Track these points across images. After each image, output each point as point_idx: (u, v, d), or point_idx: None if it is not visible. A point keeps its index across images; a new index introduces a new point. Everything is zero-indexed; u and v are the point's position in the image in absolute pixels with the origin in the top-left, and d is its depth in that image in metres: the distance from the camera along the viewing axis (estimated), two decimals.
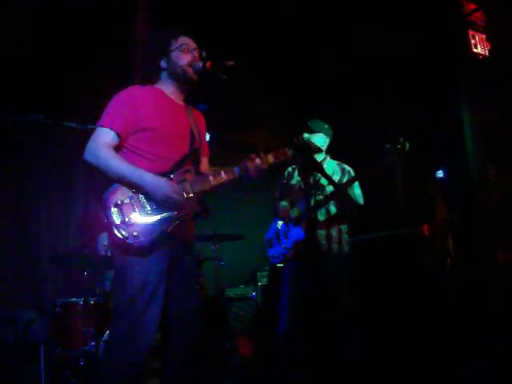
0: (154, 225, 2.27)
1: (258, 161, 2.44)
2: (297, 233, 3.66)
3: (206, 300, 4.79)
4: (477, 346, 3.83)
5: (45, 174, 5.22)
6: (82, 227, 5.25)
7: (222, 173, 2.47)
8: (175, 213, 2.32)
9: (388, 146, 3.35)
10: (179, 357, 2.36)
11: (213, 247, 5.09)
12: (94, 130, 2.41)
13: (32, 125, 4.86)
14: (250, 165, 2.44)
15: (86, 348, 3.84)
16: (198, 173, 2.50)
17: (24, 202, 5.05)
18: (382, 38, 4.93)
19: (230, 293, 5.46)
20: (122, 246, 2.25)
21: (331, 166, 3.74)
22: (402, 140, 3.35)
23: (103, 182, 2.35)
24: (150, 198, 2.29)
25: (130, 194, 2.29)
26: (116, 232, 2.23)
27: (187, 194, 2.37)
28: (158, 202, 2.29)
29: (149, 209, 2.29)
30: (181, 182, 2.38)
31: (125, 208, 2.26)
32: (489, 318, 4.19)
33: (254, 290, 5.50)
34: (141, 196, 2.30)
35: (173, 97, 2.57)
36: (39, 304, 4.76)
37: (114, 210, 2.25)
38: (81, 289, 4.17)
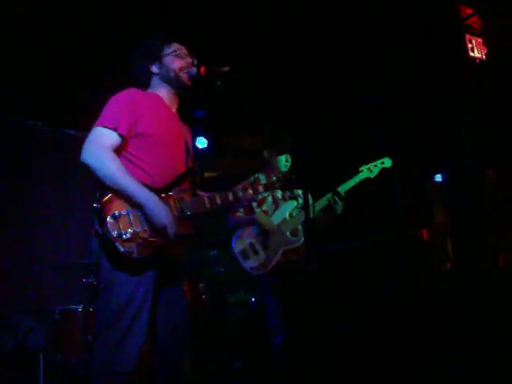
0: (148, 243, 2.20)
1: (250, 191, 2.57)
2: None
3: (206, 306, 4.78)
4: (477, 348, 3.83)
5: (44, 181, 5.22)
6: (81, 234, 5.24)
7: (218, 198, 2.48)
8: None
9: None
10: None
11: (213, 253, 5.10)
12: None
13: (30, 132, 4.87)
14: (243, 194, 2.54)
15: (85, 355, 3.83)
16: (194, 194, 2.45)
17: (23, 209, 5.06)
18: (379, 43, 4.95)
19: (231, 298, 5.45)
20: (114, 259, 2.18)
21: None
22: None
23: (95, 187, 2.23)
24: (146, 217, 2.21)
25: (128, 207, 2.19)
26: (111, 244, 2.13)
27: (184, 213, 2.33)
28: (153, 227, 2.21)
29: (145, 226, 2.21)
30: (179, 200, 2.33)
31: (121, 221, 2.15)
32: (489, 321, 4.18)
33: (254, 296, 5.49)
34: (138, 212, 2.21)
35: (167, 103, 2.52)
36: (38, 311, 4.75)
37: (110, 220, 2.13)
38: (80, 296, 4.17)
